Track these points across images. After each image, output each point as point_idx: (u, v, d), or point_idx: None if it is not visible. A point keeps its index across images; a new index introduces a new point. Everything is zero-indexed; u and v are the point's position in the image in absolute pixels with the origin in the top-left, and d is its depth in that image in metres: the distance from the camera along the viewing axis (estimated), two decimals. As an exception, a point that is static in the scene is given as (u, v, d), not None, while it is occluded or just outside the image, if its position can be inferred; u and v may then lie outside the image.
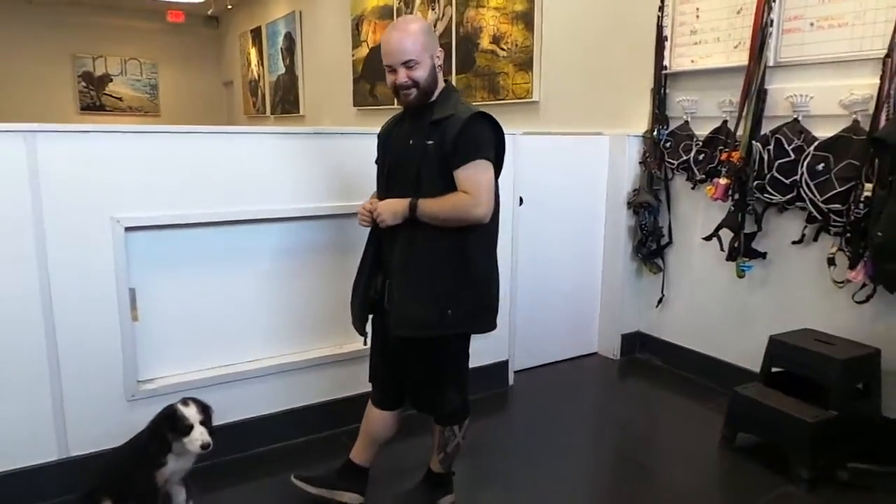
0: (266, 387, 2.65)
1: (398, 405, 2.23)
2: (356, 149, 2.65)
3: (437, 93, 2.01)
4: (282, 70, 8.54)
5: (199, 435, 1.98)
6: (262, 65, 9.23)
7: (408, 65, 1.94)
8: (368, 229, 2.11)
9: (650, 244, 3.55)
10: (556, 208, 3.49)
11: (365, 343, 2.20)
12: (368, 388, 2.28)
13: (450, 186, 1.92)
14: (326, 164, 2.66)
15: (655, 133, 3.44)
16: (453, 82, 5.10)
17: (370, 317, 2.17)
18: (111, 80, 10.90)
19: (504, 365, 3.26)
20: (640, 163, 3.55)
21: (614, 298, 3.66)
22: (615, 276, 3.64)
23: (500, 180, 2.03)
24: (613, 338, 3.68)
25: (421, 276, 1.96)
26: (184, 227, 2.42)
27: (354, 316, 2.14)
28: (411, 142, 1.99)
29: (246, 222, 2.54)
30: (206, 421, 2.01)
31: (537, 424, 2.94)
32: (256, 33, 9.32)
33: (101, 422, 2.34)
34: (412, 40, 1.93)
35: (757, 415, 2.56)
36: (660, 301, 3.58)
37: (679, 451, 2.73)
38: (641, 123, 3.55)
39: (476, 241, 1.99)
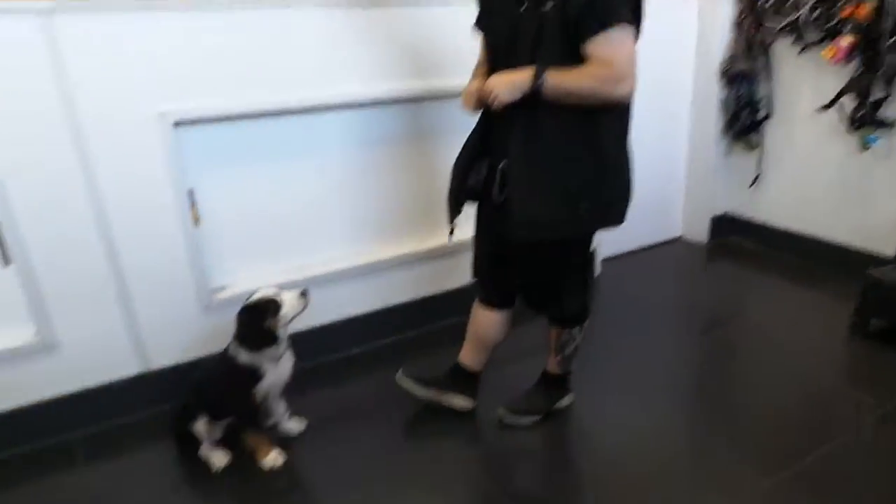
0: (351, 287, 2.40)
1: (509, 304, 1.97)
2: (436, 19, 2.28)
3: None
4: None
5: (291, 296, 1.80)
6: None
7: None
8: (466, 113, 1.75)
9: (745, 119, 3.17)
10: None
11: (450, 238, 1.86)
12: (459, 282, 2.01)
13: (575, 62, 1.53)
14: (401, 39, 2.27)
15: (756, -13, 2.97)
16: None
17: (473, 207, 1.88)
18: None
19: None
20: (735, 24, 3.11)
21: (702, 178, 3.33)
22: (703, 153, 3.29)
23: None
24: (701, 221, 3.39)
25: (548, 164, 1.61)
26: (240, 119, 2.07)
27: (449, 204, 1.85)
28: (523, 7, 1.58)
29: (311, 110, 2.18)
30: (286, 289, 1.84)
31: (626, 315, 2.71)
32: None
33: (179, 333, 2.13)
34: None
35: (896, 299, 2.31)
36: (755, 180, 3.25)
37: (801, 340, 2.47)
38: (740, -23, 3.08)
39: (609, 124, 1.63)
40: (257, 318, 1.77)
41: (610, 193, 1.70)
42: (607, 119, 1.62)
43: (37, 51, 1.72)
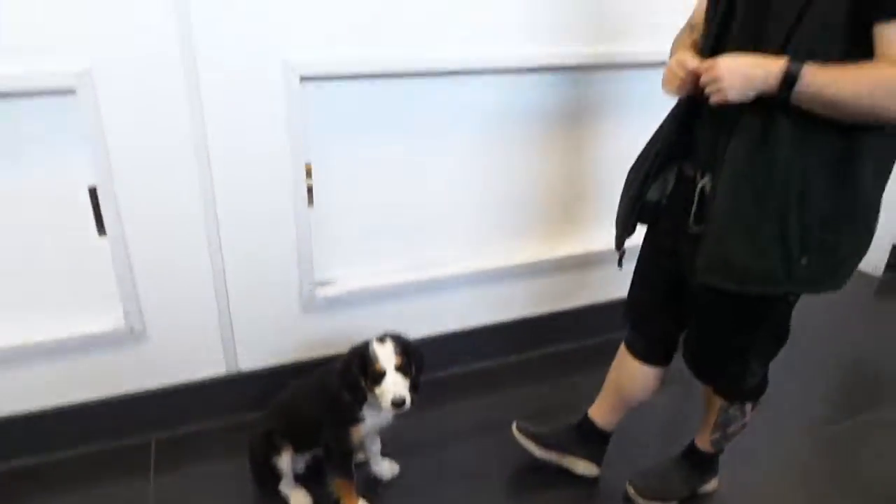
0: (466, 296, 2.09)
1: (666, 360, 1.59)
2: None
3: None
4: None
5: (391, 386, 1.40)
6: None
7: None
8: (665, 92, 1.28)
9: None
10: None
11: (619, 264, 1.54)
12: (588, 299, 1.75)
13: (851, 52, 1.05)
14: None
15: None
16: None
17: (642, 227, 1.49)
18: None
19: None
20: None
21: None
22: None
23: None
24: (879, 248, 2.83)
25: (773, 198, 1.15)
26: (373, 79, 1.70)
27: (618, 222, 1.46)
28: None
29: (454, 74, 1.78)
30: (405, 367, 1.43)
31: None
32: None
33: (272, 333, 1.87)
34: None
35: None
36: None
37: None
38: None
39: (873, 149, 1.13)
40: (356, 376, 1.44)
41: (849, 245, 1.21)
42: (872, 143, 1.12)
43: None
